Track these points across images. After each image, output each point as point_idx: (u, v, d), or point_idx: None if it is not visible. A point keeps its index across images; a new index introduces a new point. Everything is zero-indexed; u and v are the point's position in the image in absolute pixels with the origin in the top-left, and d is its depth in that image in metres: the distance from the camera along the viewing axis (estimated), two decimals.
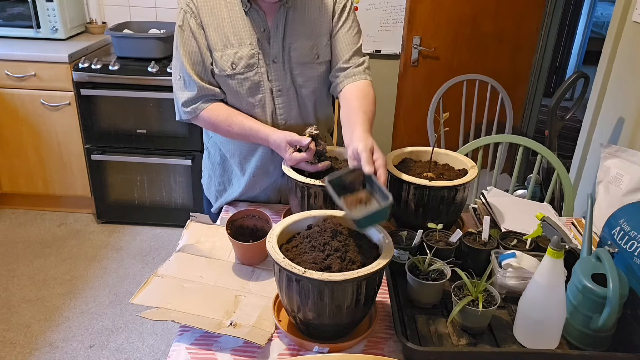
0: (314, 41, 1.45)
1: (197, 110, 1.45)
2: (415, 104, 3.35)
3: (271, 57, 1.43)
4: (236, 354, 1.05)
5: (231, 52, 1.40)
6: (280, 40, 1.42)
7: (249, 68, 1.42)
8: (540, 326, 1.04)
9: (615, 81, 2.25)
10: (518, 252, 1.19)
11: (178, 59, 1.43)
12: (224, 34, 1.40)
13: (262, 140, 1.41)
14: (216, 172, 1.66)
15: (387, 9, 3.25)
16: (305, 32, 1.44)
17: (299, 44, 1.43)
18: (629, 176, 1.58)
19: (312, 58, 1.46)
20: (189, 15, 1.40)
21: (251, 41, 1.41)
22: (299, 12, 1.43)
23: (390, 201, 1.02)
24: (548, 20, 3.27)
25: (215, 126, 1.46)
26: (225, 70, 1.41)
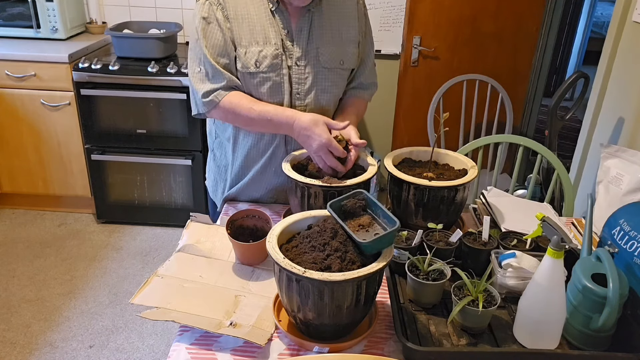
0: (339, 47, 1.46)
1: (218, 97, 1.41)
2: (415, 104, 3.35)
3: (294, 60, 1.42)
4: (236, 354, 1.05)
5: (256, 49, 1.39)
6: (304, 44, 1.42)
7: (272, 68, 1.41)
8: (540, 326, 1.04)
9: (615, 81, 2.25)
10: (518, 252, 1.19)
11: (199, 51, 1.40)
12: (249, 29, 1.39)
13: (287, 122, 1.37)
14: (222, 175, 1.64)
15: (387, 9, 3.25)
16: (332, 38, 1.45)
17: (326, 49, 1.44)
18: (629, 176, 1.58)
19: (338, 64, 1.47)
20: (215, 6, 1.39)
21: (276, 41, 1.40)
22: (324, 18, 1.44)
23: (397, 226, 1.02)
24: (548, 20, 3.27)
25: (236, 112, 1.41)
26: (249, 67, 1.40)
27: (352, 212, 1.12)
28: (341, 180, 1.31)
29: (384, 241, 1.02)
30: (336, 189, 1.28)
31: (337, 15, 1.46)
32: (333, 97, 1.50)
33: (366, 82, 1.59)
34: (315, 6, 1.42)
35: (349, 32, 1.48)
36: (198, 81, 1.43)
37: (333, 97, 1.50)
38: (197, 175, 3.06)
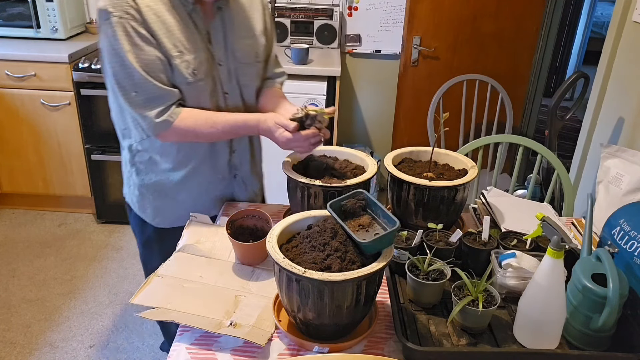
0: (252, 40, 1.45)
1: (173, 115, 1.31)
2: (415, 104, 3.35)
3: (217, 61, 1.39)
4: (236, 354, 1.05)
5: (190, 57, 1.32)
6: (222, 42, 1.39)
7: (207, 74, 1.37)
8: (540, 326, 1.04)
9: (615, 81, 2.25)
10: (518, 252, 1.19)
11: (128, 74, 1.27)
12: (176, 38, 1.30)
13: (253, 128, 1.36)
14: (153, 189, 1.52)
15: (387, 9, 3.25)
16: (243, 32, 1.43)
17: (240, 44, 1.42)
18: (629, 176, 1.58)
19: (254, 58, 1.46)
20: (134, 23, 1.24)
21: (202, 45, 1.35)
22: (234, 14, 1.41)
23: (397, 226, 1.02)
24: (548, 20, 3.27)
25: (196, 131, 1.35)
26: (187, 77, 1.32)
27: (352, 212, 1.12)
28: (341, 180, 1.31)
29: (384, 241, 1.02)
30: (336, 189, 1.28)
31: (245, 8, 1.44)
32: (254, 91, 1.51)
33: (277, 71, 1.61)
34: (224, 3, 1.38)
35: (257, 24, 1.47)
36: (140, 106, 1.30)
37: (254, 92, 1.51)
38: None
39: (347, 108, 3.52)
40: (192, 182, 1.50)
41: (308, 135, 1.28)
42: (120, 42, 1.24)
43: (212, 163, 1.50)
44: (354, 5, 3.25)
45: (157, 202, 1.54)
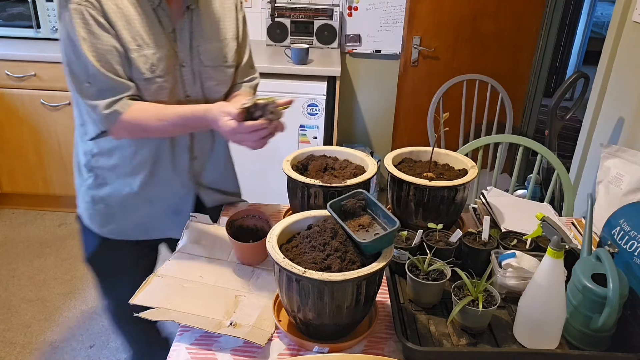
0: (221, 44, 1.40)
1: (124, 107, 1.24)
2: (415, 104, 3.35)
3: (180, 61, 1.33)
4: (236, 354, 1.05)
5: (149, 52, 1.26)
6: (188, 43, 1.33)
7: (167, 71, 1.30)
8: (540, 326, 1.04)
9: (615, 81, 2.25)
10: (518, 252, 1.19)
11: (83, 64, 1.22)
12: (136, 31, 1.25)
13: (202, 118, 1.25)
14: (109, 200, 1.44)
15: (387, 9, 3.25)
16: (213, 34, 1.38)
17: (207, 46, 1.37)
18: (629, 176, 1.58)
19: (221, 61, 1.40)
20: (92, 11, 1.20)
21: (165, 42, 1.29)
22: (203, 14, 1.36)
23: (397, 226, 1.02)
24: (548, 20, 3.27)
25: (144, 124, 1.27)
26: (144, 73, 1.26)
27: (352, 212, 1.12)
28: (341, 180, 1.31)
29: (384, 241, 1.02)
30: (336, 189, 1.28)
31: (216, 11, 1.39)
32: (220, 96, 1.43)
33: (250, 77, 1.53)
34: (194, 3, 1.33)
35: (229, 28, 1.41)
36: (91, 97, 1.25)
37: (220, 97, 1.43)
38: None
39: (347, 108, 3.52)
40: (150, 188, 1.41)
41: (254, 126, 1.16)
42: (77, 30, 1.19)
43: (172, 169, 1.42)
44: (354, 5, 3.25)
45: (110, 210, 1.44)
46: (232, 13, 1.42)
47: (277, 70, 2.83)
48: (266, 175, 3.00)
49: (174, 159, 1.41)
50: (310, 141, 2.93)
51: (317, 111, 2.87)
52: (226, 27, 1.41)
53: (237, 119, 1.17)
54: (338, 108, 2.99)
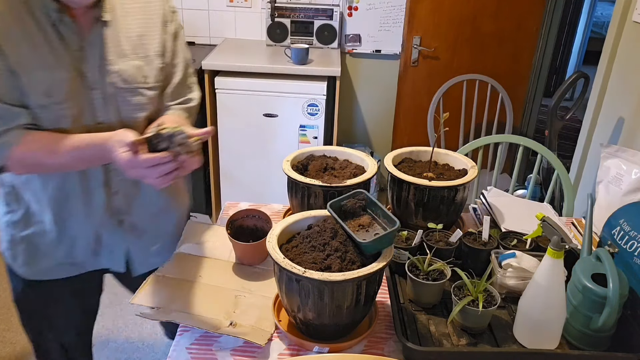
0: (141, 61, 1.21)
1: (13, 140, 1.09)
2: (415, 104, 3.35)
3: (90, 82, 1.15)
4: (236, 354, 1.05)
5: (44, 75, 1.09)
6: (97, 62, 1.15)
7: (69, 96, 1.12)
8: (540, 326, 1.04)
9: (615, 81, 2.25)
10: (518, 252, 1.19)
11: None
12: (27, 52, 1.07)
13: (101, 149, 1.09)
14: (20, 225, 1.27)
15: (387, 9, 3.25)
16: (130, 50, 1.19)
17: (122, 65, 1.17)
18: (629, 176, 1.58)
19: (140, 82, 1.21)
20: None
21: (69, 61, 1.11)
22: (118, 27, 1.18)
23: (397, 226, 1.02)
24: (548, 20, 3.27)
25: (37, 160, 1.12)
26: (38, 99, 1.09)
27: (352, 212, 1.12)
28: (341, 180, 1.31)
29: (384, 241, 1.02)
30: (336, 189, 1.28)
31: (135, 24, 1.21)
32: (142, 121, 1.23)
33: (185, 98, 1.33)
34: (107, 13, 1.15)
35: (152, 43, 1.23)
36: None
37: (143, 122, 1.23)
38: (197, 175, 3.06)
39: (347, 108, 3.52)
40: (65, 226, 1.26)
41: (152, 160, 1.00)
42: None
43: (85, 205, 1.25)
44: (354, 5, 3.25)
45: (29, 249, 1.29)
46: (157, 27, 1.24)
47: (277, 70, 2.83)
48: (266, 175, 3.00)
49: (87, 194, 1.24)
50: (310, 141, 2.93)
51: (317, 111, 2.87)
52: (148, 41, 1.22)
53: (133, 149, 1.01)
54: (338, 108, 3.00)
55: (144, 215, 1.33)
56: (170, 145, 1.01)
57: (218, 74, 2.85)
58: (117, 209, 1.28)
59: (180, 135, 1.01)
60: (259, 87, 2.82)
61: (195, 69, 2.80)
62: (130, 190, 1.28)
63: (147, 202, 1.33)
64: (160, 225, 1.38)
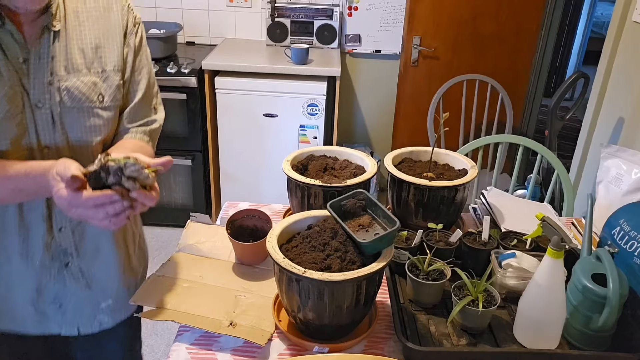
0: (97, 77, 1.06)
1: None
2: (415, 104, 3.35)
3: (35, 100, 1.00)
4: (236, 354, 1.05)
5: None
6: (44, 76, 1.00)
7: (9, 115, 0.97)
8: (540, 326, 1.04)
9: (615, 81, 2.25)
10: (518, 252, 1.19)
11: None
12: None
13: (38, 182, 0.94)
14: None
15: (387, 9, 3.25)
16: (83, 64, 1.05)
17: (74, 81, 1.03)
18: (629, 176, 1.58)
19: (94, 100, 1.06)
20: None
21: (9, 76, 0.97)
22: (72, 38, 1.04)
23: (397, 226, 1.02)
24: (548, 20, 3.27)
25: None
26: None
27: (352, 212, 1.12)
28: (341, 180, 1.31)
29: (384, 241, 1.02)
30: (336, 189, 1.28)
31: (92, 34, 1.06)
32: (98, 146, 1.08)
33: (146, 120, 1.17)
34: (57, 21, 1.01)
35: (110, 56, 1.08)
36: None
37: (98, 147, 1.08)
38: (197, 176, 3.06)
39: (347, 108, 3.52)
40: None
41: (97, 198, 0.87)
42: None
43: (22, 242, 1.07)
44: (354, 5, 3.25)
45: None
46: (116, 38, 1.09)
47: (277, 70, 2.84)
48: (266, 175, 3.00)
49: (25, 229, 1.06)
50: (310, 141, 2.93)
51: (317, 111, 2.87)
52: (106, 55, 1.08)
53: (71, 187, 0.87)
54: (338, 108, 3.00)
55: (95, 259, 1.14)
56: (120, 179, 0.87)
57: (218, 74, 2.85)
58: (62, 249, 1.09)
59: (133, 167, 0.87)
60: (259, 87, 2.82)
61: (195, 69, 2.81)
62: (78, 226, 1.10)
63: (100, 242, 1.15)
64: (113, 273, 1.19)
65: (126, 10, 1.12)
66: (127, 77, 1.12)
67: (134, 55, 1.13)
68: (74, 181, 0.87)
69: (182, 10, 3.31)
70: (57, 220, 1.08)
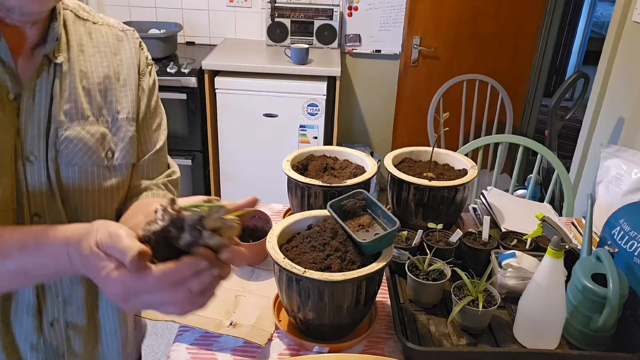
0: (105, 128, 0.84)
1: None
2: (415, 104, 3.35)
3: (27, 152, 0.77)
4: (236, 354, 1.05)
5: None
6: (40, 121, 0.77)
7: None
8: (540, 326, 1.04)
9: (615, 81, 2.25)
10: (518, 252, 1.19)
11: None
12: None
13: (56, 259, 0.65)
14: None
15: (387, 9, 3.25)
16: (89, 110, 0.82)
17: (77, 131, 0.80)
18: (629, 176, 1.58)
19: (102, 157, 0.83)
20: None
21: None
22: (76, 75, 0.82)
23: (397, 226, 1.02)
24: (548, 20, 3.27)
25: None
26: None
27: (352, 212, 1.12)
28: (341, 180, 1.31)
29: (384, 241, 1.02)
30: (336, 189, 1.28)
31: (101, 74, 0.85)
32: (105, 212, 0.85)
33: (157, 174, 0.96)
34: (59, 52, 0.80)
35: (122, 102, 0.87)
36: None
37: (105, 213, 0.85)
38: (197, 175, 3.06)
39: (347, 108, 3.52)
40: None
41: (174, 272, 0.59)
42: None
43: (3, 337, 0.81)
44: (354, 5, 3.25)
45: None
46: (130, 79, 0.89)
47: (277, 70, 2.84)
48: (266, 175, 3.00)
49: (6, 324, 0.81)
50: (310, 141, 2.93)
51: (317, 111, 2.87)
52: (117, 100, 0.86)
53: (136, 267, 0.59)
54: (338, 108, 3.00)
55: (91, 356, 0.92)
56: (199, 235, 0.59)
57: (218, 74, 2.85)
58: (53, 348, 0.86)
59: (217, 213, 0.60)
60: (259, 87, 2.82)
61: (195, 69, 2.81)
62: (75, 318, 0.87)
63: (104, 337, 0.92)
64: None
65: (139, 47, 0.93)
66: (141, 126, 0.92)
67: (147, 100, 0.93)
68: (142, 258, 0.58)
69: (182, 10, 3.31)
70: (48, 312, 0.83)
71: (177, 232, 0.60)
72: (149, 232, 0.60)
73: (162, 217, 0.60)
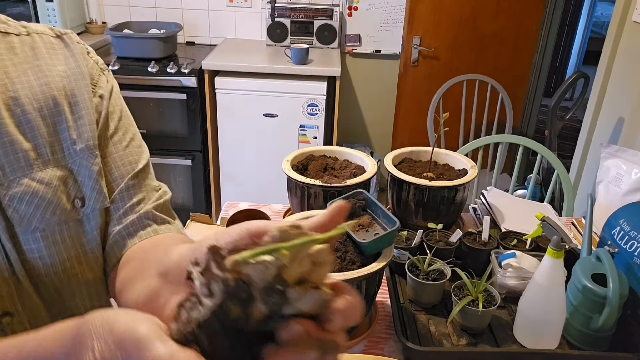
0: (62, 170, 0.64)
1: None
2: (415, 104, 3.35)
3: None
4: None
5: None
6: None
7: None
8: (540, 326, 1.04)
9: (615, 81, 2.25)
10: (518, 252, 1.19)
11: None
12: None
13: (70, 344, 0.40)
14: None
15: (387, 9, 3.25)
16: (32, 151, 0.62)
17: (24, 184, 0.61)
18: (629, 176, 1.58)
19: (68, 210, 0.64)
20: None
21: None
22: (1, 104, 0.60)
23: (397, 226, 1.02)
24: (548, 20, 3.27)
25: None
26: None
27: (352, 212, 1.12)
28: (341, 180, 1.31)
29: (384, 241, 1.02)
30: (336, 189, 1.28)
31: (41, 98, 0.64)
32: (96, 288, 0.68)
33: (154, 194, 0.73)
34: None
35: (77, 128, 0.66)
36: None
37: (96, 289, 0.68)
38: (197, 176, 3.06)
39: (347, 108, 3.52)
40: None
41: None
42: None
43: None
44: (354, 5, 3.25)
45: None
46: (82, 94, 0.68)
47: (277, 70, 2.84)
48: (266, 175, 3.00)
49: None
50: (310, 141, 2.93)
51: (317, 111, 2.87)
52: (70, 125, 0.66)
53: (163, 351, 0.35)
54: (338, 108, 3.00)
55: None
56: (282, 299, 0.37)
57: (218, 74, 2.85)
58: None
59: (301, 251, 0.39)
60: (259, 87, 2.82)
61: (195, 69, 2.81)
62: None
63: None
64: None
65: (85, 52, 0.72)
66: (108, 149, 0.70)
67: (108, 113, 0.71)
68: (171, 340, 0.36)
69: (182, 10, 3.31)
70: None
71: (242, 309, 0.35)
72: (191, 323, 0.35)
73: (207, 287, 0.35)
